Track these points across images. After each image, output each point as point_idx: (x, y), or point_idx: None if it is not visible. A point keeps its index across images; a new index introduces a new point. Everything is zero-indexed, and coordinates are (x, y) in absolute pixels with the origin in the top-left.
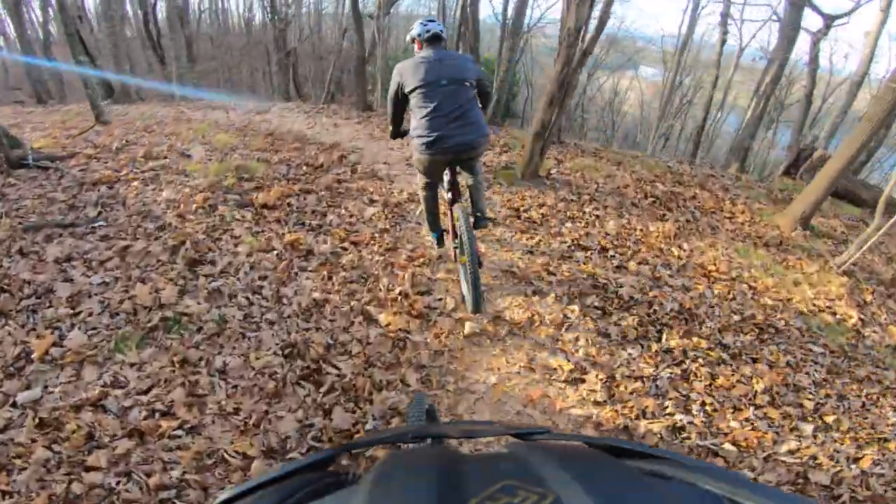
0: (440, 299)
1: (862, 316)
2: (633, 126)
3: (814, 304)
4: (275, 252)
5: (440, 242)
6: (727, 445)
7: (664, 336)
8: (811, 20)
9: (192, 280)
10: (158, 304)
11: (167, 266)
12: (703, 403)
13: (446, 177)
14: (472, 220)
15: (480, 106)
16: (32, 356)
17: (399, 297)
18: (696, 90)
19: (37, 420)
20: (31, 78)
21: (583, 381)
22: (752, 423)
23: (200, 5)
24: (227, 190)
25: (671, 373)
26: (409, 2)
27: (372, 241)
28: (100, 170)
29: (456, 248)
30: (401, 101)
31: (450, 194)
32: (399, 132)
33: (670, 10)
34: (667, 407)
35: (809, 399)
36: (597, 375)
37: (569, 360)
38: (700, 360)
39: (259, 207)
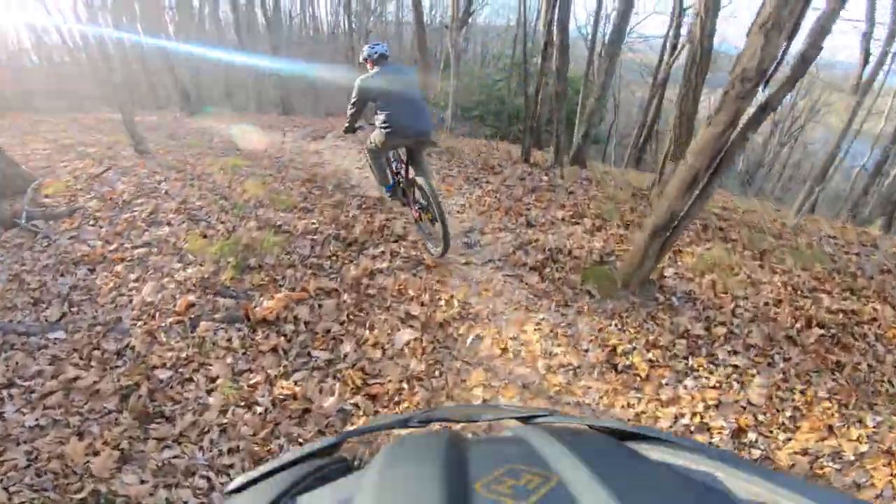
0: None
1: None
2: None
3: None
4: (258, 410)
5: (393, 194)
6: None
7: None
8: None
9: (140, 443)
10: (89, 472)
11: (112, 417)
12: None
13: (402, 157)
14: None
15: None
16: None
17: None
18: (810, 112)
19: None
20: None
21: None
22: None
23: (292, 11)
24: (221, 290)
25: None
26: (487, 12)
27: (397, 395)
28: (89, 240)
29: (419, 209)
30: (361, 106)
31: (411, 170)
32: (354, 129)
33: None
34: None
35: None
36: None
37: None
38: None
39: (254, 324)
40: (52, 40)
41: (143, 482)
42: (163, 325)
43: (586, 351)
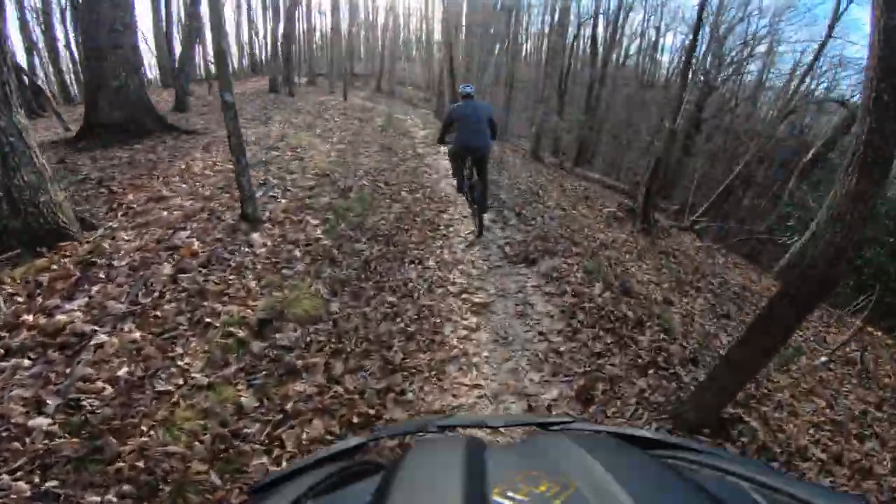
0: None
1: None
2: None
3: None
4: None
5: (459, 189)
6: None
7: None
8: None
9: None
10: None
11: None
12: None
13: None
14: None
15: (490, 130)
16: None
17: None
18: None
19: None
20: None
21: None
22: None
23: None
24: None
25: None
26: None
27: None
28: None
29: (472, 200)
30: (448, 124)
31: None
32: (444, 141)
33: None
34: None
35: None
36: None
37: None
38: None
39: None
40: None
41: None
42: None
43: None
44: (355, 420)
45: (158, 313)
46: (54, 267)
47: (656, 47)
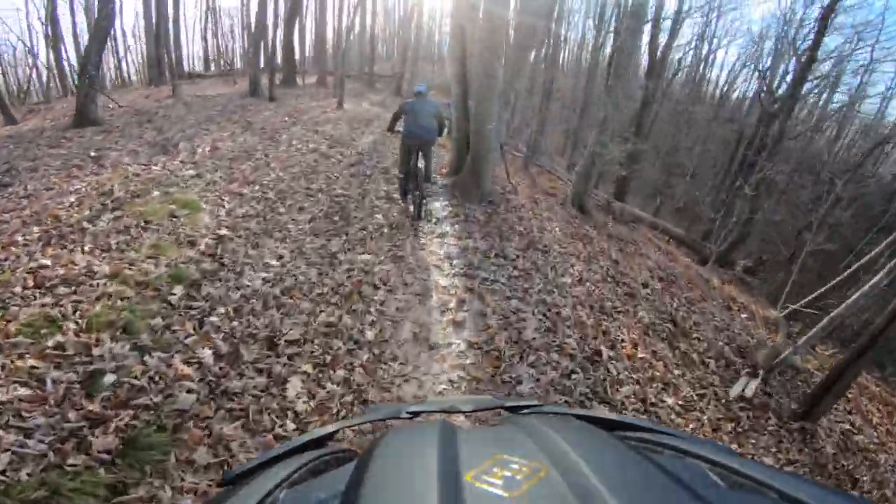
0: None
1: None
2: None
3: None
4: None
5: (404, 192)
6: None
7: None
8: None
9: None
10: None
11: None
12: None
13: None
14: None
15: (437, 125)
16: None
17: None
18: None
19: None
20: None
21: None
22: None
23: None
24: None
25: None
26: None
27: None
28: None
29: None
30: (397, 116)
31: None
32: (393, 129)
33: None
34: None
35: None
36: None
37: None
38: None
39: None
40: None
41: None
42: None
43: None
44: None
45: None
46: None
47: (707, 61)
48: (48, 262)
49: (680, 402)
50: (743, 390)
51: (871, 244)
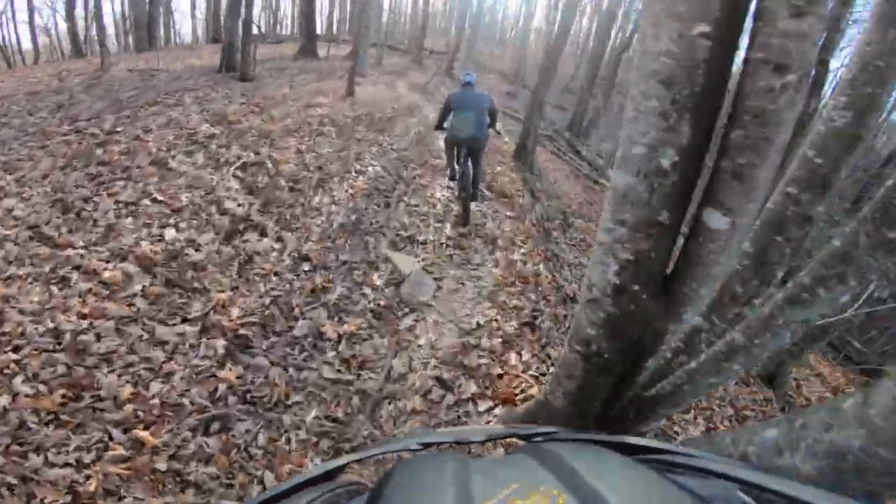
0: None
1: None
2: None
3: None
4: None
5: (452, 176)
6: None
7: None
8: None
9: None
10: None
11: None
12: None
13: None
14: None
15: (489, 121)
16: None
17: None
18: None
19: None
20: None
21: None
22: None
23: None
24: None
25: None
26: None
27: None
28: None
29: (461, 187)
30: (446, 111)
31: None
32: (442, 127)
33: None
34: None
35: None
36: None
37: None
38: None
39: None
40: None
41: None
42: None
43: None
44: None
45: None
46: None
47: None
48: None
49: None
50: None
51: None
